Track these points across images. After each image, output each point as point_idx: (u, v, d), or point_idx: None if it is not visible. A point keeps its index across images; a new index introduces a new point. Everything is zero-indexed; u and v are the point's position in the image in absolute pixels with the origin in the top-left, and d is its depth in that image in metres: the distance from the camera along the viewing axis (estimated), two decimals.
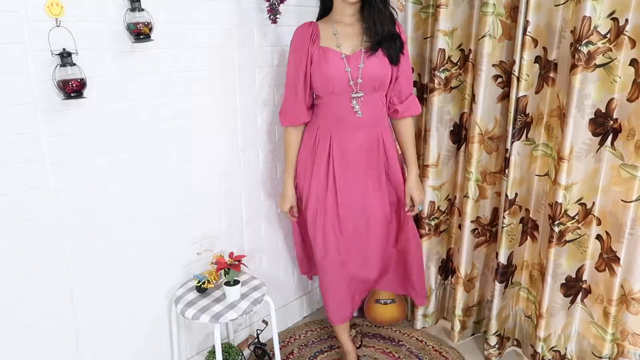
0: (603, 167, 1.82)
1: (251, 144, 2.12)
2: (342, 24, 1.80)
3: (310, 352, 2.32)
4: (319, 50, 1.78)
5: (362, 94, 1.80)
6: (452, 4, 2.04)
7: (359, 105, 1.81)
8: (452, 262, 2.43)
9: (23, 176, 1.48)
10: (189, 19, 1.77)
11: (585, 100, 1.75)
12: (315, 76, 1.80)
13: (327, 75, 1.77)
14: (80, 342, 1.72)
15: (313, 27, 1.80)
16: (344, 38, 1.79)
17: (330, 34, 1.80)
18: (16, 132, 1.44)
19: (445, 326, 2.51)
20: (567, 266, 1.96)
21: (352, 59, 1.77)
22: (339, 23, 1.81)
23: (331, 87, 1.78)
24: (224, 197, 2.07)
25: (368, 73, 1.78)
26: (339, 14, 1.80)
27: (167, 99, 1.77)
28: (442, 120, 2.20)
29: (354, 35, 1.80)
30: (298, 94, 1.85)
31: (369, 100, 1.83)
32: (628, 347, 1.88)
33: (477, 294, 2.35)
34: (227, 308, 1.80)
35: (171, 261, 1.94)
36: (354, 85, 1.78)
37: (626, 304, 1.84)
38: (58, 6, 1.43)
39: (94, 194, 1.65)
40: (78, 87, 1.46)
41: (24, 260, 1.53)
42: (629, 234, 1.77)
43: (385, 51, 1.78)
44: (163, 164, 1.82)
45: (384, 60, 1.80)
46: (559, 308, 2.01)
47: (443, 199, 2.33)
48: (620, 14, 1.65)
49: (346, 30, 1.80)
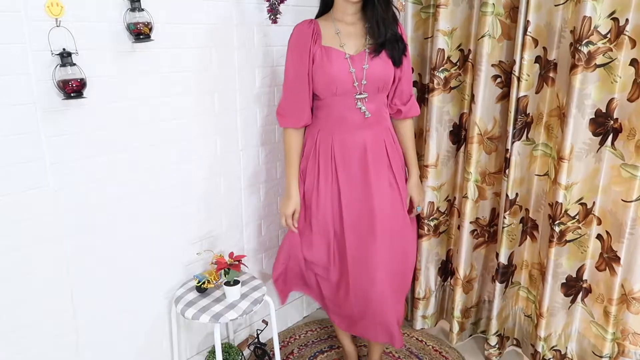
0: (603, 167, 1.82)
1: (251, 144, 2.12)
2: (344, 23, 1.75)
3: (310, 352, 2.32)
4: (321, 49, 1.72)
5: (366, 95, 1.76)
6: (452, 4, 2.03)
7: (366, 106, 1.77)
8: (451, 263, 2.43)
9: (23, 176, 1.48)
10: (189, 19, 1.77)
11: (586, 100, 1.75)
12: (318, 77, 1.73)
13: (330, 76, 1.71)
14: (80, 342, 1.72)
15: (314, 25, 1.74)
16: (346, 37, 1.74)
17: (332, 32, 1.74)
18: (16, 132, 1.44)
19: (445, 327, 2.50)
20: (567, 266, 1.96)
21: (356, 60, 1.72)
22: (340, 22, 1.75)
23: (335, 88, 1.72)
24: (224, 197, 2.07)
25: (373, 74, 1.73)
26: (340, 12, 1.75)
27: (167, 99, 1.77)
28: (442, 120, 2.20)
29: (357, 35, 1.75)
30: (299, 95, 1.77)
31: (373, 101, 1.79)
32: (628, 347, 1.88)
33: (475, 295, 2.35)
34: (227, 308, 1.80)
35: (171, 261, 1.94)
36: (358, 87, 1.73)
37: (627, 304, 1.84)
38: (58, 6, 1.43)
39: (94, 194, 1.65)
40: (78, 87, 1.46)
41: (24, 260, 1.53)
42: (629, 234, 1.77)
43: (389, 53, 1.75)
44: (163, 164, 1.82)
45: (388, 62, 1.76)
46: (560, 307, 2.01)
47: (442, 200, 2.33)
48: (621, 14, 1.65)
49: (348, 30, 1.75)
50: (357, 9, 1.74)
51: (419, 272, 2.39)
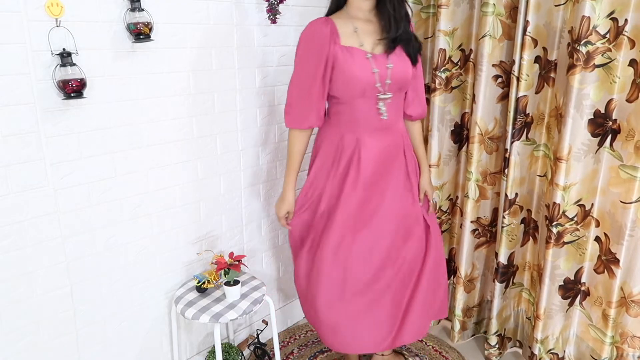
0: (602, 168, 1.82)
1: (251, 144, 2.12)
2: (361, 20, 1.67)
3: (310, 352, 2.32)
4: (342, 50, 1.62)
5: (390, 95, 1.68)
6: (453, 4, 2.04)
7: (385, 107, 1.70)
8: (454, 262, 2.43)
9: (23, 176, 1.48)
10: (189, 19, 1.77)
11: (584, 101, 1.74)
12: (340, 79, 1.64)
13: (355, 78, 1.63)
14: (80, 342, 1.72)
15: (330, 24, 1.63)
16: (365, 35, 1.66)
17: (350, 31, 1.65)
18: (16, 132, 1.44)
19: (446, 326, 2.51)
20: (565, 268, 1.96)
21: (379, 59, 1.65)
22: (357, 19, 1.67)
23: (359, 89, 1.64)
24: (224, 197, 2.07)
25: (397, 74, 1.66)
26: (355, 8, 1.67)
27: (167, 99, 1.78)
28: (443, 120, 2.20)
29: (375, 32, 1.67)
30: (312, 97, 1.68)
31: (394, 101, 1.73)
32: (627, 350, 1.87)
33: (477, 294, 2.35)
34: (227, 308, 1.80)
35: (171, 261, 1.94)
36: (381, 87, 1.66)
37: (626, 307, 1.83)
38: (58, 6, 1.43)
39: (94, 194, 1.65)
40: (78, 87, 1.46)
41: (24, 260, 1.53)
42: (628, 236, 1.76)
43: (405, 50, 1.70)
44: (163, 164, 1.82)
45: (407, 61, 1.71)
46: (557, 310, 2.01)
47: (445, 199, 2.33)
48: (620, 14, 1.64)
49: (366, 27, 1.67)
50: (372, 4, 1.67)
51: None
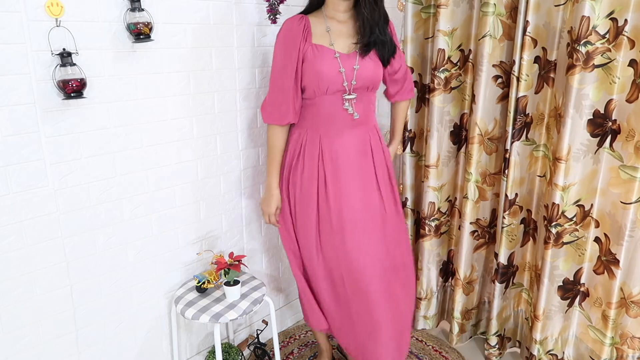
0: (602, 169, 1.81)
1: (251, 144, 2.12)
2: (335, 21, 1.71)
3: (310, 352, 2.32)
4: (312, 47, 1.67)
5: (355, 96, 1.74)
6: (452, 4, 2.03)
7: (353, 106, 1.75)
8: (452, 264, 2.43)
9: (23, 176, 1.48)
10: (189, 19, 1.77)
11: (584, 101, 1.74)
12: (307, 75, 1.68)
13: (320, 75, 1.67)
14: (80, 342, 1.72)
15: (305, 21, 1.68)
16: (337, 36, 1.70)
17: (322, 30, 1.70)
18: (16, 132, 1.44)
19: (446, 327, 2.50)
20: (564, 268, 1.95)
21: (346, 59, 1.69)
22: (332, 19, 1.71)
23: (325, 87, 1.68)
24: (224, 197, 2.07)
25: (362, 75, 1.71)
26: (332, 9, 1.71)
27: (167, 99, 1.78)
28: (442, 120, 2.20)
29: (348, 33, 1.72)
30: (286, 93, 1.72)
31: (361, 101, 1.77)
32: (627, 351, 1.87)
33: (476, 296, 2.35)
34: (227, 308, 1.81)
35: (171, 261, 1.94)
36: (348, 87, 1.70)
37: (626, 307, 1.83)
38: (58, 6, 1.43)
39: (94, 194, 1.65)
40: (78, 87, 1.46)
41: (24, 260, 1.53)
42: (628, 236, 1.76)
43: (379, 53, 1.73)
44: (163, 164, 1.82)
45: (378, 63, 1.74)
46: (557, 311, 2.01)
47: (443, 200, 2.33)
48: (620, 14, 1.64)
49: (340, 28, 1.71)
50: (348, 5, 1.70)
51: (420, 273, 2.40)
